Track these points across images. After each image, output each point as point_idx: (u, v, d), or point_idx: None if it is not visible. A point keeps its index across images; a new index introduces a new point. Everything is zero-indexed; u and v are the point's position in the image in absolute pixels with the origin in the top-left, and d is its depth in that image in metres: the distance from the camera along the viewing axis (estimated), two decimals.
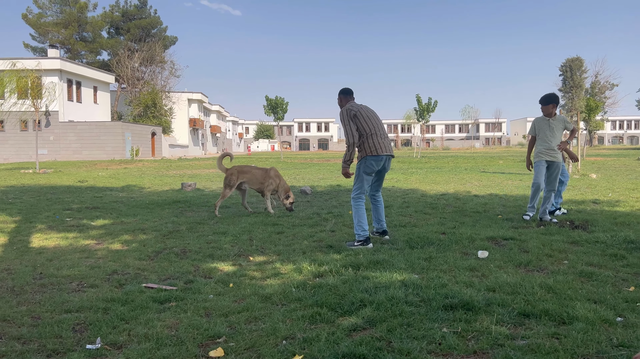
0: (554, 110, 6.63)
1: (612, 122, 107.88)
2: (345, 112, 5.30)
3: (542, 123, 6.70)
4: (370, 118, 5.30)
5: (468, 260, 4.38)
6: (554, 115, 6.64)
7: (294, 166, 25.62)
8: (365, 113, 5.31)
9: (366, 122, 5.26)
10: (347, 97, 5.54)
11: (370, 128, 5.24)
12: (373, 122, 5.28)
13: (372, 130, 5.24)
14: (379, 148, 5.21)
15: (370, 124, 5.26)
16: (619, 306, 3.11)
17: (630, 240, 5.00)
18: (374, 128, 5.25)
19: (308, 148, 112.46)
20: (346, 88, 5.59)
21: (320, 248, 5.07)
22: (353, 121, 5.23)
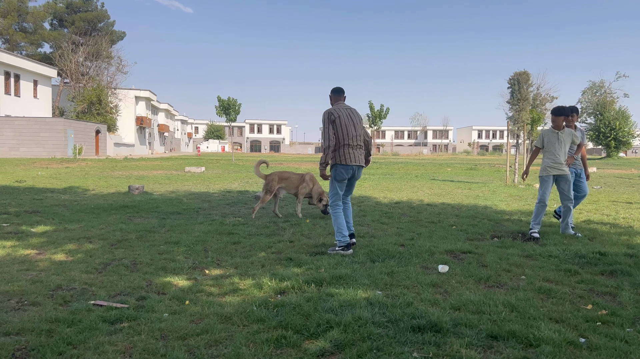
0: (563, 123, 6.46)
1: None
2: (327, 115, 5.39)
3: (551, 136, 6.47)
4: (348, 126, 5.37)
5: (430, 275, 4.37)
6: (562, 128, 6.47)
7: (246, 169, 25.25)
8: (344, 121, 5.38)
9: (342, 130, 5.35)
10: (337, 97, 5.61)
11: (345, 137, 5.34)
12: (349, 131, 5.37)
13: (346, 140, 5.35)
14: (349, 158, 5.35)
15: (346, 133, 5.35)
16: (580, 326, 3.15)
17: (582, 255, 5.16)
18: (348, 138, 5.35)
19: (259, 150, 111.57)
20: (337, 87, 5.65)
21: (279, 261, 4.93)
22: (332, 125, 5.34)
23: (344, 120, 5.38)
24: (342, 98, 5.63)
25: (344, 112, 5.44)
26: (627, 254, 5.22)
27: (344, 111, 5.46)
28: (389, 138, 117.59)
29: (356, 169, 5.47)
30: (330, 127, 5.34)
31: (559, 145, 6.43)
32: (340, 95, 5.62)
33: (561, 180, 6.49)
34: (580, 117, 60.19)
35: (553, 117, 6.49)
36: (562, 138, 6.43)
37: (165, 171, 22.26)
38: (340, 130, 5.35)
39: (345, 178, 5.44)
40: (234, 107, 38.01)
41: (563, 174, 6.45)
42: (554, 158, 6.43)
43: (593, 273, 4.50)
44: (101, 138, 42.87)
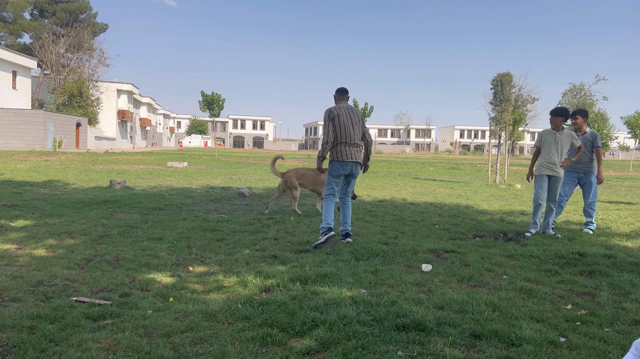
0: (562, 123, 6.47)
1: (531, 134, 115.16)
2: (327, 113, 5.70)
3: (548, 136, 6.53)
4: (346, 125, 5.67)
5: (413, 274, 4.41)
6: (561, 129, 6.49)
7: (229, 165, 25.11)
8: (343, 120, 5.67)
9: (340, 129, 5.65)
10: (340, 96, 5.92)
11: (342, 135, 5.65)
12: (347, 130, 5.66)
13: (343, 138, 5.65)
14: (345, 155, 5.66)
15: (344, 131, 5.65)
16: (560, 325, 3.22)
17: (561, 255, 5.26)
18: (345, 136, 5.65)
19: (242, 146, 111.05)
20: (341, 87, 5.95)
21: (264, 258, 4.93)
22: (332, 123, 5.67)
23: (343, 119, 5.66)
24: (345, 98, 5.92)
25: (344, 112, 5.71)
26: (605, 255, 5.34)
27: (344, 110, 5.72)
28: (372, 136, 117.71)
29: (353, 166, 5.73)
30: (330, 125, 5.66)
31: (555, 145, 6.46)
32: (343, 95, 5.92)
33: (553, 181, 6.55)
34: None
35: (551, 117, 6.54)
36: (560, 139, 6.44)
37: (147, 166, 22.02)
38: (338, 128, 5.64)
39: (340, 174, 5.72)
40: (218, 102, 37.73)
41: (555, 175, 6.49)
42: (548, 158, 6.49)
43: (572, 274, 4.59)
44: (82, 132, 42.21)
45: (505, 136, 17.80)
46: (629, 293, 3.96)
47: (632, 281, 4.30)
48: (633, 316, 3.40)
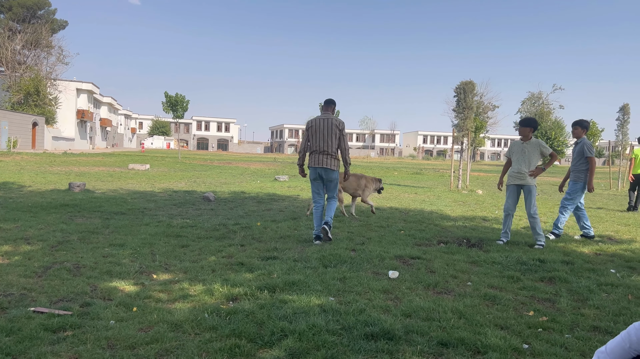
0: (530, 133, 6.59)
1: (491, 140, 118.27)
2: (306, 123, 6.33)
3: (515, 147, 6.68)
4: (317, 135, 6.23)
5: (381, 281, 4.44)
6: (529, 138, 6.61)
7: (193, 167, 24.74)
8: (313, 130, 6.27)
9: (312, 138, 6.29)
10: (325, 107, 6.44)
11: (313, 144, 6.27)
12: (317, 139, 6.23)
13: (314, 147, 6.27)
14: (313, 161, 6.29)
15: (314, 141, 6.26)
16: (523, 332, 3.30)
17: (523, 261, 5.40)
18: (315, 145, 6.25)
19: (206, 148, 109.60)
20: (327, 99, 6.45)
21: (230, 266, 4.86)
22: (306, 132, 6.36)
23: (315, 129, 6.25)
24: (328, 109, 6.38)
25: (317, 123, 6.24)
26: (564, 261, 5.52)
27: (319, 121, 6.24)
28: None
29: (320, 171, 6.27)
30: (305, 134, 6.39)
31: (521, 155, 6.60)
32: (327, 106, 6.41)
33: (523, 190, 6.66)
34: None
35: (519, 127, 6.71)
36: (527, 149, 6.57)
37: (108, 167, 21.45)
38: (311, 137, 6.28)
39: (314, 178, 6.35)
40: (182, 103, 37.14)
41: (523, 184, 6.59)
42: (516, 168, 6.64)
43: (534, 280, 4.72)
44: (38, 131, 40.76)
45: (468, 142, 18.23)
46: (587, 299, 4.10)
47: (589, 287, 4.45)
48: (591, 323, 3.52)
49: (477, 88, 16.90)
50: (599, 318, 3.64)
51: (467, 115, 16.63)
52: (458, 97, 16.88)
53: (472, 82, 16.80)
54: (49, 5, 51.74)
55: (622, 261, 5.67)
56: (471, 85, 16.76)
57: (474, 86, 16.82)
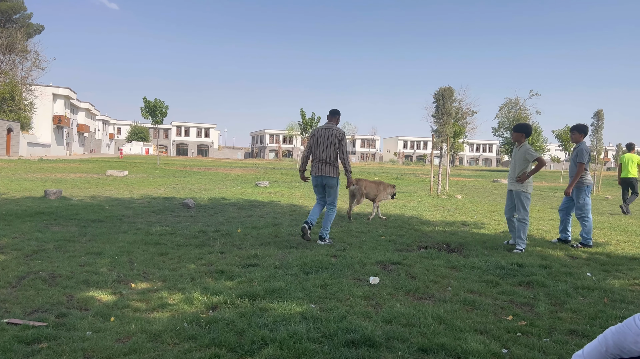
0: (522, 139, 6.69)
1: (470, 145, 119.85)
2: (310, 133, 6.89)
3: (512, 152, 6.94)
4: (318, 145, 6.67)
5: (362, 287, 4.44)
6: (521, 143, 6.71)
7: (172, 173, 24.48)
8: (315, 139, 6.72)
9: (313, 147, 6.73)
10: (329, 117, 6.85)
11: (314, 153, 6.72)
12: (317, 148, 6.66)
13: (315, 155, 6.71)
14: (314, 170, 6.72)
15: (315, 150, 6.69)
16: (502, 336, 3.33)
17: (501, 266, 5.47)
18: (316, 154, 6.69)
19: (186, 154, 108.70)
20: (332, 109, 6.85)
21: (210, 274, 4.81)
22: (309, 141, 6.83)
23: (316, 139, 6.70)
24: (332, 120, 6.80)
25: (319, 132, 6.68)
26: (542, 265, 5.60)
27: (321, 131, 6.67)
28: None
29: (320, 179, 6.68)
30: (307, 143, 6.82)
31: (512, 160, 6.84)
32: (331, 116, 6.84)
33: (514, 195, 6.79)
34: (497, 132, 64.07)
35: (512, 132, 6.86)
36: (516, 155, 6.74)
37: (85, 174, 21.10)
38: (312, 146, 6.74)
39: (315, 185, 6.77)
40: (161, 109, 36.77)
41: (512, 189, 6.78)
42: (509, 173, 6.88)
43: (512, 284, 4.78)
44: (13, 137, 39.92)
45: (447, 148, 18.40)
46: (564, 303, 4.16)
47: (566, 291, 4.52)
48: (568, 326, 3.58)
49: (455, 94, 17.06)
50: (576, 321, 3.70)
51: (446, 120, 16.79)
52: (437, 103, 17.02)
53: (451, 88, 16.96)
54: (24, 10, 50.89)
55: (597, 265, 5.78)
56: (450, 91, 16.92)
57: (453, 92, 16.98)
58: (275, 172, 31.94)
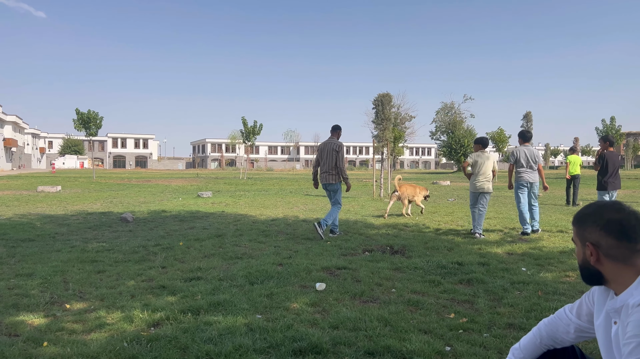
0: (479, 150, 8.34)
1: (410, 149, 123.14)
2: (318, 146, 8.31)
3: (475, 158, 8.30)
4: (321, 156, 8.16)
5: (308, 294, 4.43)
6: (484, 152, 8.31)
7: (109, 187, 23.55)
8: (320, 152, 8.21)
9: (319, 158, 8.23)
10: (331, 132, 8.27)
11: (320, 163, 8.20)
12: (322, 159, 8.13)
13: (320, 166, 8.20)
14: (320, 178, 8.22)
15: (321, 160, 8.16)
16: (445, 335, 3.42)
17: (442, 265, 5.63)
18: (320, 165, 8.20)
19: (124, 166, 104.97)
20: (333, 125, 8.24)
21: (151, 290, 4.64)
22: (317, 154, 8.37)
23: (320, 152, 8.20)
24: (334, 134, 8.24)
25: (322, 146, 8.17)
26: (480, 263, 5.81)
27: (323, 145, 8.15)
28: (262, 153, 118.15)
29: (325, 185, 8.15)
30: (316, 155, 8.32)
31: (482, 165, 8.23)
32: (333, 131, 8.27)
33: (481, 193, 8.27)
34: (435, 135, 66.16)
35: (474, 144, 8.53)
36: (486, 161, 8.24)
37: (14, 191, 19.89)
38: (318, 157, 8.25)
39: (324, 189, 8.26)
40: (95, 120, 35.35)
41: (482, 189, 8.24)
42: (481, 176, 8.24)
43: (453, 282, 4.93)
44: None
45: (387, 152, 18.80)
46: (502, 298, 4.33)
47: (503, 286, 4.72)
48: (507, 320, 3.72)
49: (394, 100, 17.50)
50: (513, 315, 3.86)
51: (385, 126, 17.18)
52: (376, 109, 17.40)
53: (389, 94, 17.40)
54: None
55: (531, 260, 6.06)
56: (388, 97, 17.34)
57: (391, 98, 17.43)
58: (219, 181, 31.45)
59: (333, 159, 7.98)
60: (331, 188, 8.10)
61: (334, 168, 7.98)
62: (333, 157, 7.99)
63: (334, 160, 7.98)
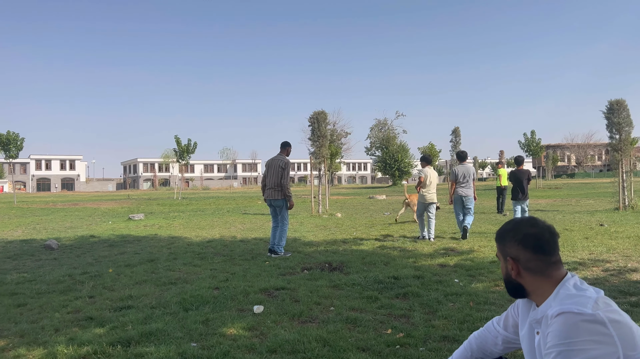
0: (424, 166, 9.76)
1: (346, 164, 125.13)
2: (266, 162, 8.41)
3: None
4: (267, 172, 8.23)
5: (246, 318, 4.34)
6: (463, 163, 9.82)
7: (32, 212, 22.14)
8: (267, 167, 8.30)
9: (265, 174, 8.28)
10: (280, 148, 8.39)
11: (266, 180, 8.22)
12: (268, 175, 8.18)
13: (266, 181, 8.23)
14: (266, 195, 8.26)
15: (267, 176, 8.20)
16: (383, 351, 3.45)
17: (380, 280, 5.70)
18: (267, 180, 8.20)
19: (49, 189, 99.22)
20: (282, 142, 8.42)
21: (77, 322, 4.37)
22: (264, 170, 8.42)
23: (266, 168, 8.30)
24: (282, 151, 8.34)
25: (269, 162, 8.27)
26: (416, 276, 5.94)
27: (270, 162, 8.27)
28: (198, 172, 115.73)
29: (270, 201, 8.20)
30: (264, 172, 8.34)
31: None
32: (282, 148, 8.39)
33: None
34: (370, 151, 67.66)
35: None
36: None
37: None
38: (265, 174, 8.29)
39: (269, 206, 8.28)
40: (15, 141, 33.31)
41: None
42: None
43: (390, 297, 5.00)
44: None
45: (324, 168, 18.98)
46: (437, 311, 4.44)
47: (438, 299, 4.84)
48: (441, 333, 3.81)
49: (329, 117, 17.75)
50: (448, 327, 3.96)
51: (322, 143, 17.35)
52: (312, 126, 17.56)
53: (324, 112, 17.62)
54: None
55: (463, 271, 6.28)
56: (324, 114, 17.56)
57: (327, 115, 17.67)
58: (151, 202, 30.41)
59: (278, 176, 8.04)
60: (276, 204, 8.13)
61: (279, 185, 8.04)
62: (278, 174, 8.04)
63: (279, 177, 8.04)
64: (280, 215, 8.13)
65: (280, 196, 8.06)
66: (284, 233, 8.06)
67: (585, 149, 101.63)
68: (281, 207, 8.11)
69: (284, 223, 8.10)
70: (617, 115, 15.33)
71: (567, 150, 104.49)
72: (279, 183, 8.04)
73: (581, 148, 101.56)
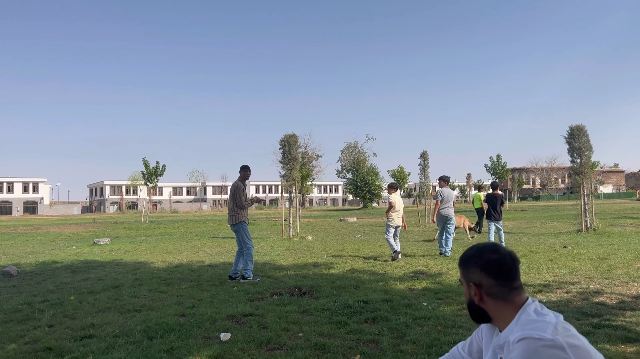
0: (392, 192, 10.51)
1: (318, 187, 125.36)
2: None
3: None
4: (229, 198, 8.30)
5: (212, 346, 4.24)
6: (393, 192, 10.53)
7: None
8: (228, 194, 8.38)
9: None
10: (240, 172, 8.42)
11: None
12: (228, 201, 8.29)
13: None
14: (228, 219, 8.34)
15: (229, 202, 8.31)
16: None
17: (349, 305, 5.68)
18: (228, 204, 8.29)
19: (10, 213, 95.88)
20: (242, 165, 8.40)
21: (35, 353, 4.19)
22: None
23: (229, 193, 8.35)
24: (239, 175, 8.37)
25: (229, 187, 8.11)
26: (385, 300, 5.94)
27: (230, 186, 8.43)
28: (167, 194, 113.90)
29: (230, 227, 8.34)
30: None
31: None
32: (242, 170, 8.40)
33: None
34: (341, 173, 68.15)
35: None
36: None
37: None
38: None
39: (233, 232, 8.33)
40: None
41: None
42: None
43: (359, 322, 4.98)
44: None
45: (296, 191, 18.96)
46: (405, 335, 4.44)
47: (406, 323, 4.84)
48: (409, 358, 3.81)
49: (300, 140, 17.82)
50: (416, 352, 3.96)
51: (293, 165, 17.36)
52: (283, 149, 17.58)
53: (295, 135, 17.69)
54: None
55: (432, 294, 6.32)
56: (294, 137, 17.63)
57: (297, 138, 17.74)
58: (118, 226, 29.68)
59: (231, 201, 8.22)
60: (232, 229, 8.26)
61: (232, 210, 8.19)
62: (231, 199, 8.23)
63: (232, 202, 8.20)
64: (240, 240, 8.17)
65: (234, 221, 8.16)
66: (250, 256, 8.03)
67: (549, 172, 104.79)
68: (237, 231, 8.18)
69: (246, 247, 8.08)
70: (578, 140, 15.90)
71: (532, 173, 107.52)
72: (232, 208, 8.20)
73: (545, 171, 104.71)
